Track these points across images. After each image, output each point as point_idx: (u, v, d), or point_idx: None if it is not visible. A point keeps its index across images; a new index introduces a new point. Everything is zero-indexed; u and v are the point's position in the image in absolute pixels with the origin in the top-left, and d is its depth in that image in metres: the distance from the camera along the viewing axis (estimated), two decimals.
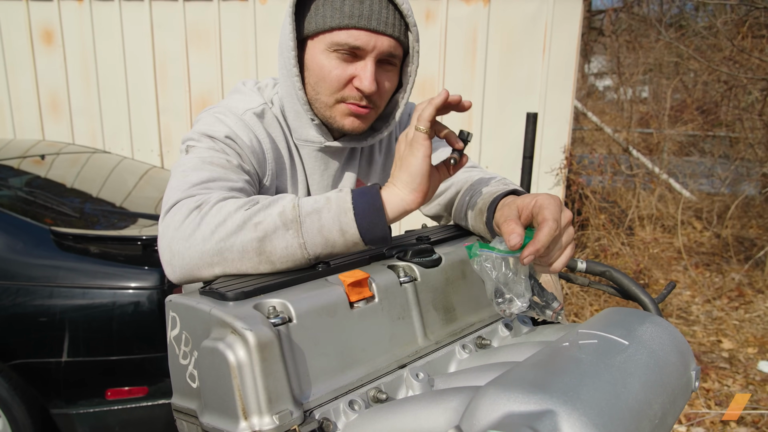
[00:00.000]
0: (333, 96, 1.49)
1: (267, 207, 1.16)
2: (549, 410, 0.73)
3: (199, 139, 1.41)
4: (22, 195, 3.71)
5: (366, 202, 1.16)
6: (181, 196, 1.23)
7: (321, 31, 1.44)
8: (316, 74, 1.48)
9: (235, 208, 1.16)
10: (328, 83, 1.47)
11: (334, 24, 1.41)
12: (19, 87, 6.68)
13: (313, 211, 1.15)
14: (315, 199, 1.17)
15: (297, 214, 1.14)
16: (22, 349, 3.05)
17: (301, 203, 1.16)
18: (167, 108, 6.57)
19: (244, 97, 1.58)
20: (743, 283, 6.88)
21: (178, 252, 1.16)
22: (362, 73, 1.45)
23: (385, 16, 1.42)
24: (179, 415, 1.05)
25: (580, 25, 6.04)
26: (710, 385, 4.64)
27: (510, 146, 6.21)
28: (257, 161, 1.47)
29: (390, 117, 1.66)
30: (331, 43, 1.43)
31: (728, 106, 9.84)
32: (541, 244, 1.13)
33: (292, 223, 1.13)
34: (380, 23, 1.42)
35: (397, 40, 1.47)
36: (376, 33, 1.42)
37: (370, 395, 1.05)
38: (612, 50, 13.17)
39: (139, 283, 3.02)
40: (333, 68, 1.45)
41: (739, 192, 8.83)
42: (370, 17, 1.41)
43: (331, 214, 1.14)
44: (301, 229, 1.13)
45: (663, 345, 0.99)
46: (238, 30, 6.33)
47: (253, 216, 1.14)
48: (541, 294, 1.28)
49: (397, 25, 1.45)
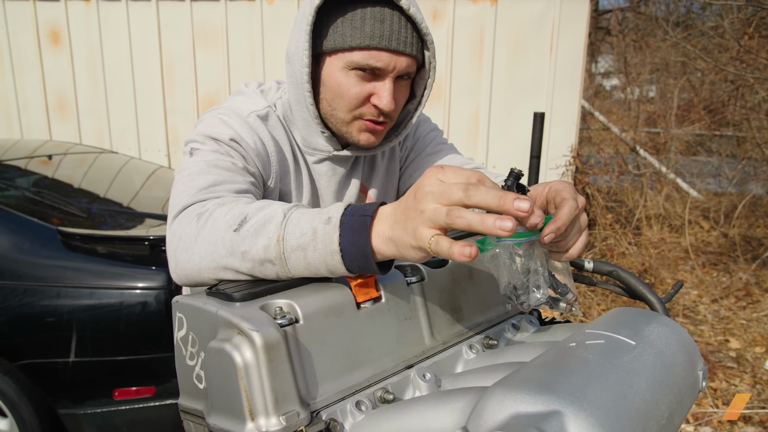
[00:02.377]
0: (351, 113, 1.49)
1: (254, 234, 1.09)
2: (556, 411, 0.73)
3: (203, 142, 1.40)
4: (29, 195, 3.72)
5: (354, 246, 1.02)
6: (188, 201, 1.23)
7: (340, 50, 1.43)
8: (333, 91, 1.47)
9: (225, 227, 1.12)
10: (347, 101, 1.47)
11: (354, 44, 1.40)
12: (26, 87, 6.71)
13: (299, 248, 1.06)
14: (302, 230, 1.06)
15: (281, 251, 1.06)
16: (30, 349, 3.06)
17: (287, 236, 1.07)
18: (174, 108, 6.59)
19: (248, 99, 1.58)
20: (750, 282, 6.86)
21: (181, 262, 1.17)
22: (381, 92, 1.45)
23: (404, 36, 1.42)
24: (186, 416, 1.05)
25: (587, 24, 6.04)
26: (717, 385, 4.63)
27: (517, 146, 6.21)
28: (261, 164, 1.47)
29: (401, 127, 1.65)
30: (351, 62, 1.42)
31: (735, 106, 9.83)
32: (562, 222, 1.10)
33: (277, 259, 1.07)
34: (400, 43, 1.41)
35: (414, 58, 1.47)
36: (396, 53, 1.42)
37: (377, 396, 1.05)
38: (619, 50, 13.17)
39: (146, 284, 3.03)
40: (352, 86, 1.45)
41: (747, 191, 8.81)
42: (390, 38, 1.40)
43: (317, 254, 1.04)
44: (287, 266, 1.07)
45: (670, 345, 0.98)
46: (245, 30, 6.34)
47: (240, 243, 1.10)
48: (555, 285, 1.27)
49: (415, 44, 1.45)
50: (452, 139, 5.55)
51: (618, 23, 14.56)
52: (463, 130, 6.32)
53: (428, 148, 1.82)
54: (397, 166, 1.83)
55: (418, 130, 1.85)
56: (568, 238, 1.16)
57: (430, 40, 1.47)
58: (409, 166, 1.83)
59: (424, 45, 1.50)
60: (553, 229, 1.10)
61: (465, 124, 6.30)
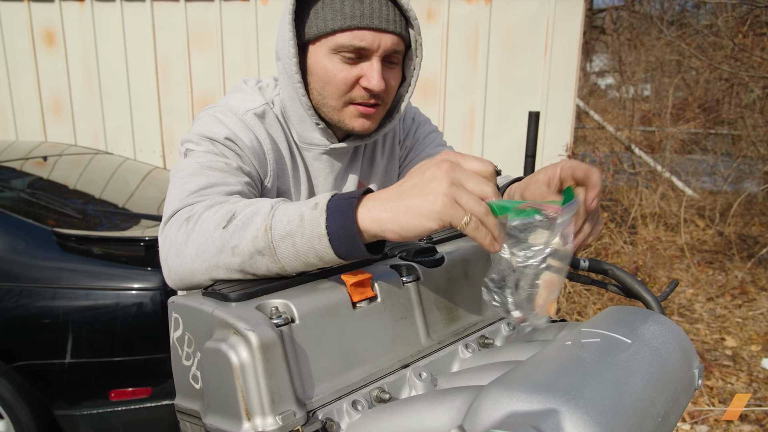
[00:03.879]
0: (341, 99, 1.47)
1: (242, 228, 1.09)
2: (552, 409, 0.73)
3: (198, 142, 1.39)
4: (24, 197, 3.71)
5: (342, 227, 1.01)
6: (178, 206, 1.23)
7: (323, 35, 1.42)
8: (321, 78, 1.46)
9: (214, 225, 1.12)
10: (335, 86, 1.45)
11: (335, 26, 1.39)
12: (21, 89, 6.68)
13: (286, 236, 1.04)
14: (289, 218, 1.05)
15: (270, 240, 1.05)
16: (26, 350, 3.06)
17: (275, 225, 1.06)
18: (169, 109, 6.57)
19: (245, 96, 1.57)
20: (746, 280, 6.88)
21: (174, 267, 1.17)
22: (369, 72, 1.43)
23: (386, 13, 1.40)
24: (182, 416, 1.05)
25: (581, 23, 6.04)
26: (714, 383, 4.64)
27: (512, 145, 6.21)
28: (258, 162, 1.46)
29: (394, 112, 1.64)
30: (335, 45, 1.41)
31: (730, 104, 9.86)
32: (599, 186, 1.12)
33: (266, 249, 1.06)
34: (382, 21, 1.40)
35: (399, 36, 1.45)
36: (379, 31, 1.40)
37: (373, 395, 1.05)
38: (613, 48, 13.18)
39: (141, 284, 3.03)
40: (339, 71, 1.43)
41: (742, 190, 8.84)
42: (372, 16, 1.39)
43: (304, 240, 1.03)
44: (276, 255, 1.06)
45: (666, 343, 0.98)
46: (239, 30, 6.33)
47: (229, 239, 1.09)
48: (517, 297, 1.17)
49: (398, 21, 1.44)
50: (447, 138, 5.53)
51: (612, 22, 14.59)
52: (458, 129, 6.32)
53: (428, 149, 1.81)
54: (397, 165, 1.83)
55: (418, 131, 1.84)
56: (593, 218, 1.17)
57: (413, 17, 1.46)
58: (408, 165, 1.82)
59: (408, 24, 1.49)
60: (596, 194, 1.11)
61: (460, 124, 6.30)
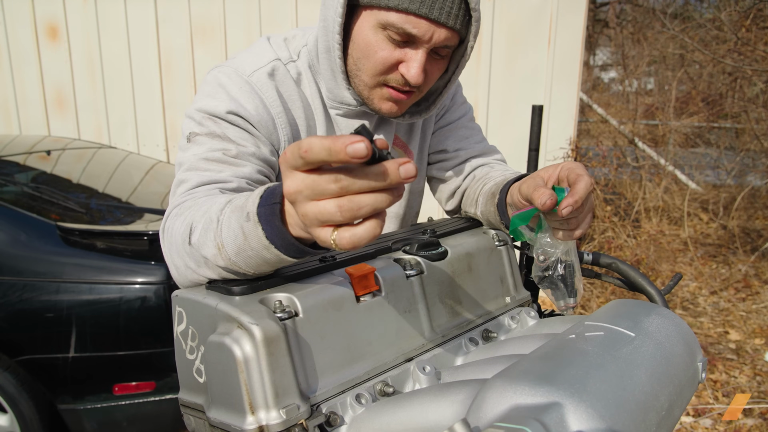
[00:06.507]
0: (375, 78, 1.37)
1: (202, 246, 1.05)
2: (555, 402, 0.74)
3: (201, 122, 1.33)
4: (28, 191, 3.72)
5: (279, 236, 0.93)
6: (169, 210, 1.22)
7: (377, 6, 1.29)
8: (360, 49, 1.35)
9: (181, 240, 1.09)
10: (372, 63, 1.35)
11: (393, 3, 1.26)
12: (24, 83, 6.69)
13: (239, 251, 0.98)
14: (234, 234, 0.97)
15: (227, 257, 1.00)
16: (29, 344, 3.06)
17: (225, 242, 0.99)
18: (173, 103, 6.57)
19: (254, 55, 1.45)
20: (750, 274, 6.87)
21: (174, 275, 1.17)
22: (411, 61, 1.33)
23: (449, 6, 1.27)
24: (186, 410, 1.06)
25: (584, 17, 6.02)
26: (717, 377, 4.64)
27: (515, 139, 6.19)
28: (267, 132, 1.38)
29: (432, 97, 1.55)
30: (385, 21, 1.29)
31: (733, 98, 9.82)
32: (579, 195, 1.13)
33: (230, 265, 1.01)
34: (443, 14, 1.27)
35: (456, 31, 1.33)
36: (436, 24, 1.28)
37: (377, 389, 1.05)
38: (617, 42, 13.16)
39: (145, 278, 3.03)
40: (380, 48, 1.33)
41: (745, 183, 8.82)
42: (433, 5, 1.26)
43: (255, 252, 0.96)
44: (240, 268, 1.00)
45: (669, 336, 0.98)
46: (243, 24, 6.32)
47: (197, 254, 1.06)
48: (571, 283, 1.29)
49: (459, 17, 1.30)
50: None
51: (616, 15, 14.56)
52: None
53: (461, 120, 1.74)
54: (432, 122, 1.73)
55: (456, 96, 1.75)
56: (580, 216, 1.18)
57: (477, 17, 1.34)
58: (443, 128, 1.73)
59: (469, 20, 1.35)
60: (571, 203, 1.13)
61: None
